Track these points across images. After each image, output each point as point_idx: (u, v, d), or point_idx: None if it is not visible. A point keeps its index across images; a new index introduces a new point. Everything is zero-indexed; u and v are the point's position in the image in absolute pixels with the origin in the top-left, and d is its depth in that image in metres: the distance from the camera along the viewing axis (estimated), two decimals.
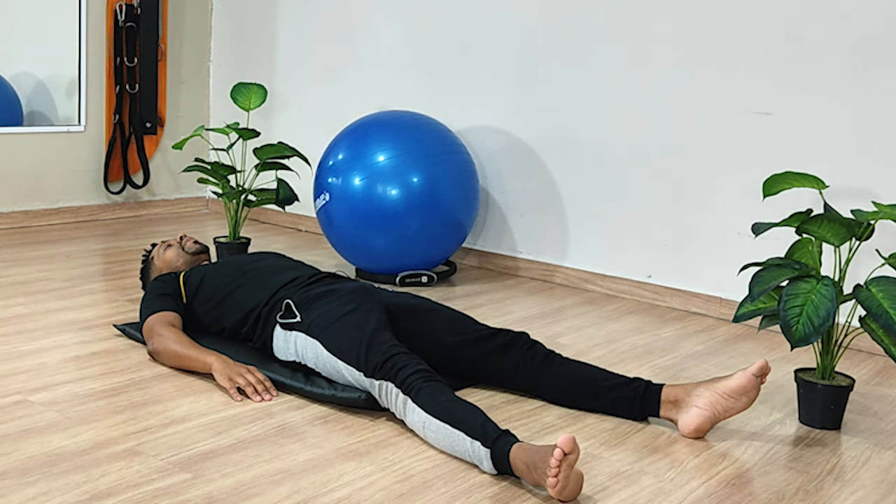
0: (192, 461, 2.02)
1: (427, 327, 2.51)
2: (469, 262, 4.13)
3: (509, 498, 1.93)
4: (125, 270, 3.71)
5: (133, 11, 4.69)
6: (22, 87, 4.61)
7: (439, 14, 4.16)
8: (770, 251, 3.09)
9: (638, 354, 2.95)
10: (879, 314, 2.19)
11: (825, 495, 2.03)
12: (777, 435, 2.34)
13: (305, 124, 4.72)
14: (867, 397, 2.66)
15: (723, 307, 3.42)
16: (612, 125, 3.67)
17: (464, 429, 2.03)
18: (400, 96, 4.29)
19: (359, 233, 3.59)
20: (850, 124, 3.11)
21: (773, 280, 2.29)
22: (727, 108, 3.38)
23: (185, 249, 3.01)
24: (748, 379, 2.22)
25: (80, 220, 4.70)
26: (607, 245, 3.73)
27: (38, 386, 2.41)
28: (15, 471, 1.93)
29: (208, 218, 5.00)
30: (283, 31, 4.81)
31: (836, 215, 2.38)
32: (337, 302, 2.48)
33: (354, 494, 1.91)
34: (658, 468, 2.11)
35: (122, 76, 4.72)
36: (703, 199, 3.47)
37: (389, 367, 2.21)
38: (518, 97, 3.93)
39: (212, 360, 2.47)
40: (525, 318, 3.30)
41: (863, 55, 3.07)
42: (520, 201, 3.97)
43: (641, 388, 2.35)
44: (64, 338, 2.82)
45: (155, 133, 4.88)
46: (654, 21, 3.52)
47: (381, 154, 3.54)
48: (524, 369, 2.45)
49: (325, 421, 2.29)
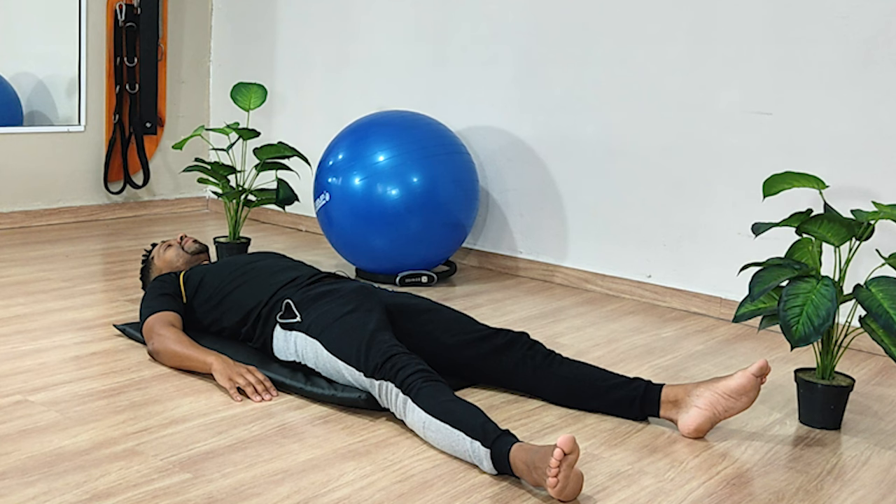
0: (192, 461, 2.02)
1: (427, 327, 2.51)
2: (469, 262, 4.13)
3: (509, 498, 1.93)
4: (125, 270, 3.71)
5: (133, 11, 4.70)
6: (22, 87, 4.61)
7: (439, 14, 4.16)
8: (770, 251, 3.09)
9: (638, 354, 2.95)
10: (879, 314, 2.19)
11: (825, 495, 2.03)
12: (777, 435, 2.34)
13: (305, 124, 4.72)
14: (867, 397, 2.66)
15: (723, 307, 3.42)
16: (612, 125, 3.67)
17: (464, 429, 2.03)
18: (400, 96, 4.29)
19: (359, 233, 3.59)
20: (850, 124, 3.11)
21: (773, 280, 2.29)
22: (727, 108, 3.38)
23: (185, 249, 3.01)
24: (748, 379, 2.22)
25: (80, 220, 4.70)
26: (607, 245, 3.73)
27: (38, 386, 2.41)
28: (15, 471, 1.93)
29: (208, 218, 5.00)
30: (283, 31, 4.81)
31: (836, 215, 2.38)
32: (337, 302, 2.48)
33: (354, 494, 1.91)
34: (658, 468, 2.11)
35: (122, 76, 4.72)
36: (703, 199, 3.47)
37: (389, 367, 2.21)
38: (518, 97, 3.93)
39: (212, 359, 2.47)
40: (525, 318, 3.30)
41: (862, 55, 3.07)
42: (520, 201, 3.97)
43: (641, 388, 2.35)
44: (64, 338, 2.82)
45: (155, 133, 4.88)
46: (654, 21, 3.52)
47: (381, 154, 3.54)
48: (524, 369, 2.45)
49: (325, 421, 2.29)
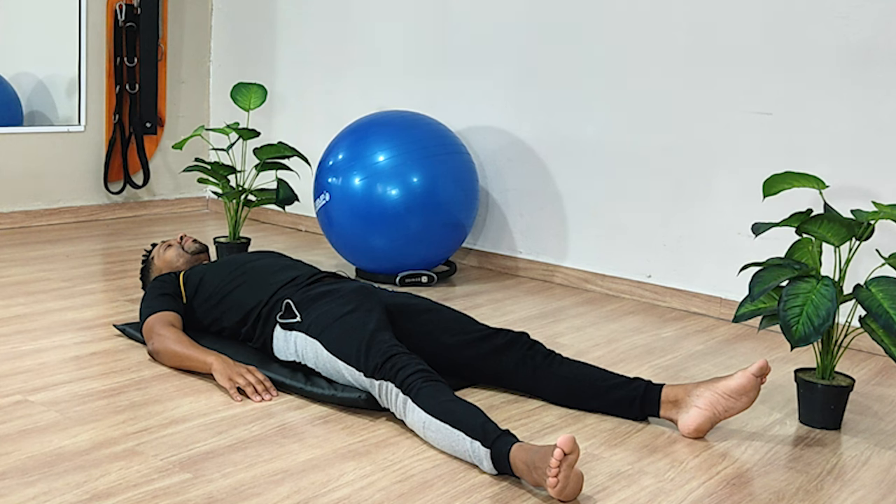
0: (192, 461, 2.02)
1: (427, 327, 2.51)
2: (469, 262, 4.13)
3: (509, 498, 1.93)
4: (125, 270, 3.71)
5: (133, 11, 4.69)
6: (22, 87, 4.61)
7: (439, 14, 4.16)
8: (770, 251, 3.09)
9: (638, 354, 2.95)
10: (879, 314, 2.19)
11: (825, 495, 2.03)
12: (777, 435, 2.34)
13: (305, 124, 4.72)
14: (867, 397, 2.66)
15: (723, 307, 3.42)
16: (612, 125, 3.67)
17: (464, 429, 2.03)
18: (400, 96, 4.29)
19: (359, 233, 3.59)
20: (850, 124, 3.11)
21: (773, 280, 2.29)
22: (727, 108, 3.38)
23: (185, 249, 3.01)
24: (748, 379, 2.22)
25: (80, 220, 4.70)
26: (607, 245, 3.73)
27: (38, 386, 2.41)
28: (15, 471, 1.93)
29: (208, 218, 5.00)
30: (283, 31, 4.81)
31: (836, 215, 2.38)
32: (337, 302, 2.48)
33: (354, 494, 1.91)
34: (658, 468, 2.11)
35: (122, 76, 4.72)
36: (703, 199, 3.47)
37: (389, 367, 2.21)
38: (518, 97, 3.93)
39: (212, 359, 2.47)
40: (525, 318, 3.30)
41: (862, 55, 3.07)
42: (520, 201, 3.97)
43: (641, 388, 2.35)
44: (64, 338, 2.82)
45: (155, 133, 4.88)
46: (654, 21, 3.52)
47: (381, 154, 3.54)
48: (524, 369, 2.45)
49: (325, 421, 2.29)
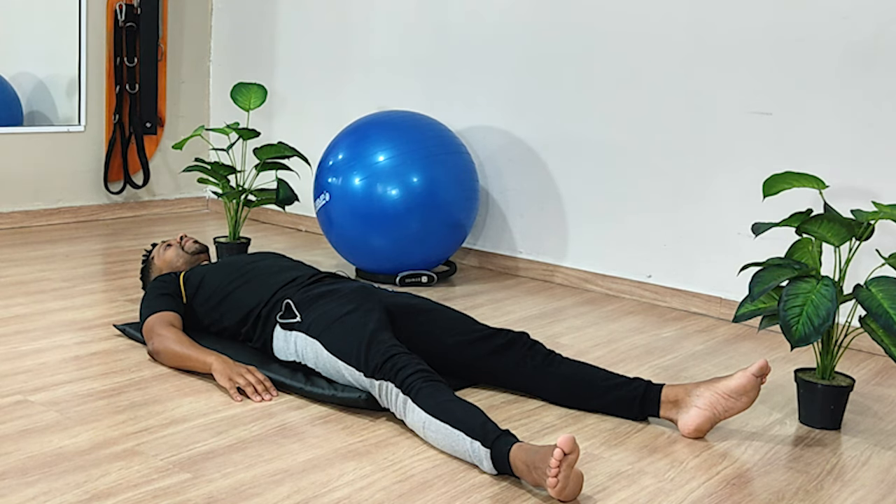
0: (192, 461, 2.02)
1: (427, 327, 2.51)
2: (469, 262, 4.13)
3: (509, 498, 1.93)
4: (125, 270, 3.71)
5: (133, 11, 4.69)
6: (22, 87, 4.61)
7: (439, 14, 4.16)
8: (770, 251, 3.09)
9: (638, 354, 2.95)
10: (879, 314, 2.19)
11: (825, 495, 2.03)
12: (777, 435, 2.34)
13: (305, 124, 4.72)
14: (867, 397, 2.66)
15: (723, 307, 3.42)
16: (612, 125, 3.67)
17: (464, 429, 2.03)
18: (400, 96, 4.29)
19: (359, 233, 3.59)
20: (850, 124, 3.11)
21: (773, 280, 2.29)
22: (727, 108, 3.38)
23: (185, 249, 3.01)
24: (748, 379, 2.22)
25: (80, 220, 4.70)
26: (607, 245, 3.73)
27: (38, 386, 2.41)
28: (15, 471, 1.93)
29: (208, 218, 5.00)
30: (283, 31, 4.81)
31: (836, 215, 2.38)
32: (337, 302, 2.48)
33: (354, 494, 1.91)
34: (658, 468, 2.11)
35: (122, 76, 4.72)
36: (703, 199, 3.47)
37: (389, 367, 2.21)
38: (518, 97, 3.93)
39: (212, 360, 2.47)
40: (525, 318, 3.30)
41: (863, 55, 3.07)
42: (520, 201, 3.97)
43: (641, 387, 2.35)
44: (64, 338, 2.82)
45: (155, 133, 4.88)
46: (654, 21, 3.52)
47: (381, 154, 3.54)
48: (524, 369, 2.45)
49: (325, 421, 2.29)
